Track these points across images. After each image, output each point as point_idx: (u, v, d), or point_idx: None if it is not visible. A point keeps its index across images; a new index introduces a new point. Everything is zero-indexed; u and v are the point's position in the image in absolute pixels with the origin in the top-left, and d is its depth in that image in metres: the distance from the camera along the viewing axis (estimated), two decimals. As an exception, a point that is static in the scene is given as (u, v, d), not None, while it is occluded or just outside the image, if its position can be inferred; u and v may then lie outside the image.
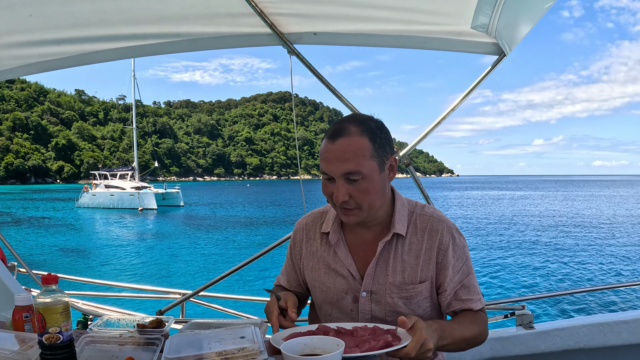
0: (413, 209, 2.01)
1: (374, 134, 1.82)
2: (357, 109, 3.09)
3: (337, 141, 1.78)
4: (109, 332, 1.79)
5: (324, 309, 2.05)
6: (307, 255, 2.09)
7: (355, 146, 1.77)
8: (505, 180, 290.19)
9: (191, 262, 23.18)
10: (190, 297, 3.64)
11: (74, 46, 3.21)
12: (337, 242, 2.00)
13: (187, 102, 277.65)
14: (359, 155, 1.77)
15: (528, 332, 3.19)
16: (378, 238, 1.96)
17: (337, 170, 1.77)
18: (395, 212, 1.96)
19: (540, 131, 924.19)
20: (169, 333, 1.86)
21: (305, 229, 2.14)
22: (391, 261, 1.93)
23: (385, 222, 1.97)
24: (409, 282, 1.91)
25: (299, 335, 1.71)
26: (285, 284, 2.21)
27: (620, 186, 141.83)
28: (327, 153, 1.80)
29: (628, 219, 43.25)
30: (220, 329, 1.73)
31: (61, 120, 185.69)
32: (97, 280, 5.05)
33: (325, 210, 2.12)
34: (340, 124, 1.83)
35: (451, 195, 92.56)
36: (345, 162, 1.76)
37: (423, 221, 1.97)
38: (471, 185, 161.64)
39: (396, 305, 1.92)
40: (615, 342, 3.22)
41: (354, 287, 1.95)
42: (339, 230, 2.02)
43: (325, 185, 1.87)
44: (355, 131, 1.79)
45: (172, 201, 58.96)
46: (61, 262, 23.17)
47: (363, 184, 1.78)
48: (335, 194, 1.80)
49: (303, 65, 3.19)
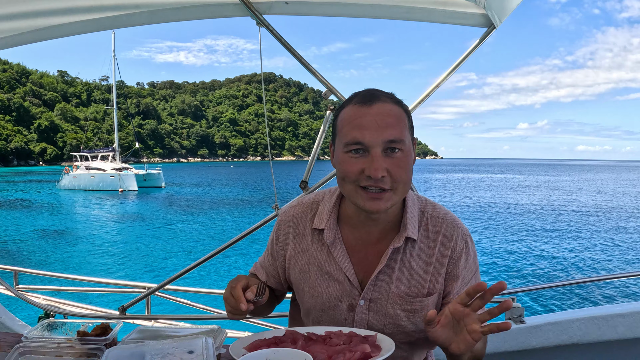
0: (423, 208, 1.78)
1: (406, 108, 1.65)
2: (333, 85, 2.87)
3: (374, 105, 1.56)
4: (45, 342, 1.56)
5: (312, 315, 1.81)
6: (295, 253, 1.82)
7: (396, 112, 1.58)
8: (489, 163, 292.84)
9: (168, 245, 23.07)
10: (155, 292, 3.42)
11: (26, 21, 2.89)
12: (334, 242, 1.74)
13: (170, 83, 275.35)
14: (401, 122, 1.57)
15: (518, 327, 3.07)
16: (383, 239, 1.72)
17: (379, 137, 1.52)
18: (406, 210, 1.71)
19: (525, 115, 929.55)
20: (116, 339, 1.65)
21: (292, 222, 1.85)
22: (397, 267, 1.70)
23: (393, 221, 1.72)
24: (415, 294, 1.69)
25: (264, 343, 1.53)
26: (264, 279, 1.94)
27: (604, 171, 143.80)
28: (363, 118, 1.55)
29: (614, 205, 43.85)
30: (167, 341, 1.48)
31: (44, 101, 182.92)
32: (60, 274, 4.82)
33: (315, 201, 1.85)
34: (371, 91, 1.63)
35: (433, 178, 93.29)
36: (389, 128, 1.53)
37: (435, 224, 1.74)
38: (454, 168, 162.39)
39: (397, 318, 1.70)
40: (611, 336, 3.10)
41: (351, 294, 1.72)
42: (335, 227, 1.75)
43: (347, 162, 1.58)
44: (390, 99, 1.61)
45: (153, 182, 58.54)
46: (37, 246, 22.98)
47: (401, 157, 1.56)
48: (371, 168, 1.52)
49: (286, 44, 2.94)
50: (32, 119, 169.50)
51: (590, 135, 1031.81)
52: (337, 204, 1.80)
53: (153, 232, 27.27)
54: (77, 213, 37.20)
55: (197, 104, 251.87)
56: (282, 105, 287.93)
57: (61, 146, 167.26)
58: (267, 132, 3.88)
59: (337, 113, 1.67)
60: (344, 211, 1.78)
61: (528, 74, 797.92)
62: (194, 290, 4.16)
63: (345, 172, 1.58)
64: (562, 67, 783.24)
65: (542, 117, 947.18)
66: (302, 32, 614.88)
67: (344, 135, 1.58)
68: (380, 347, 1.51)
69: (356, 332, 1.59)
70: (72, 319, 1.78)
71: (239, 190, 60.07)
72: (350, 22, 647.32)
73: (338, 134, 1.64)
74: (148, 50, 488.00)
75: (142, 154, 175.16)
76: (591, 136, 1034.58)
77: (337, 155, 1.63)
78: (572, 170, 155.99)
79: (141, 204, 43.49)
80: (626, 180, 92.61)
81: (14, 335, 1.76)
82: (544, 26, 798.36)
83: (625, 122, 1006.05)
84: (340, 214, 1.79)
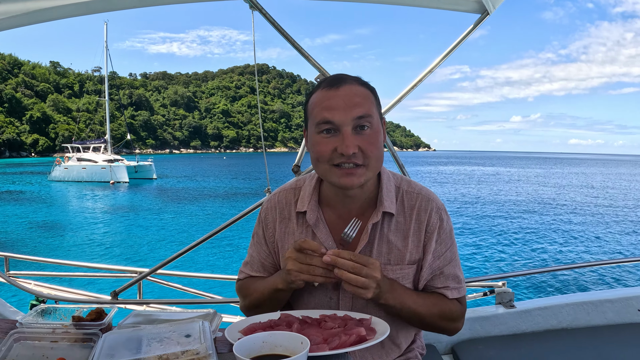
0: (399, 184, 1.86)
1: (373, 89, 1.74)
2: (324, 68, 2.86)
3: (341, 87, 1.66)
4: (40, 327, 1.54)
5: (299, 296, 1.86)
6: (283, 237, 1.88)
7: (363, 92, 1.68)
8: (482, 156, 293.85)
9: (156, 236, 23.04)
10: (147, 276, 3.42)
11: (16, 4, 2.84)
12: (316, 222, 1.80)
13: (163, 74, 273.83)
14: (368, 100, 1.67)
15: (508, 311, 3.12)
16: (362, 215, 1.79)
17: (347, 115, 1.62)
18: (382, 186, 1.80)
19: (518, 108, 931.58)
20: (111, 324, 1.63)
21: (277, 208, 1.91)
22: (376, 242, 1.77)
23: (370, 197, 1.80)
24: (394, 264, 1.77)
25: (259, 327, 1.56)
26: (261, 272, 1.95)
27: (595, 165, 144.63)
28: (332, 100, 1.64)
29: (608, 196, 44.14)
30: (163, 325, 1.47)
31: (36, 92, 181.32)
32: (51, 260, 4.79)
33: (297, 186, 1.92)
34: (337, 75, 1.73)
35: (424, 170, 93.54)
36: (357, 107, 1.63)
37: (411, 199, 1.82)
38: (447, 160, 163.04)
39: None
40: (600, 321, 3.15)
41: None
42: (317, 208, 1.82)
43: (321, 143, 1.66)
44: (356, 81, 1.70)
45: (145, 174, 58.42)
46: (27, 237, 22.91)
47: (371, 133, 1.65)
48: (342, 145, 1.61)
49: (282, 37, 2.97)
50: (24, 110, 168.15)
51: (582, 129, 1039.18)
52: (317, 186, 1.87)
53: (143, 223, 27.25)
54: (68, 205, 37.17)
55: (189, 95, 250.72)
56: (275, 96, 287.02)
57: (53, 137, 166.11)
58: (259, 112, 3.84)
59: (308, 99, 1.75)
60: (323, 192, 1.85)
61: (521, 67, 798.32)
62: (186, 274, 4.16)
63: (319, 152, 1.67)
64: (556, 60, 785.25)
65: (535, 110, 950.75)
66: (295, 23, 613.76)
67: (314, 116, 1.67)
68: (375, 330, 1.53)
69: (351, 316, 1.61)
70: (64, 305, 1.76)
71: (231, 181, 60.04)
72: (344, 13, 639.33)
73: (309, 117, 1.72)
74: (141, 41, 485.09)
75: (135, 145, 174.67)
76: (584, 130, 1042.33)
77: (310, 138, 1.71)
78: (563, 163, 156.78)
79: (132, 196, 43.48)
80: (616, 174, 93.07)
81: (7, 321, 1.75)
82: (538, 20, 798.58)
83: (617, 117, 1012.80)
84: (321, 195, 1.86)
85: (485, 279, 3.32)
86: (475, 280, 3.28)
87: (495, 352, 2.86)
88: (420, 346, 2.03)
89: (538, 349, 2.89)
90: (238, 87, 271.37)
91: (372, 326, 1.55)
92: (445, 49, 2.99)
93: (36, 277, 4.46)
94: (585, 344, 2.91)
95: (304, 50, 2.94)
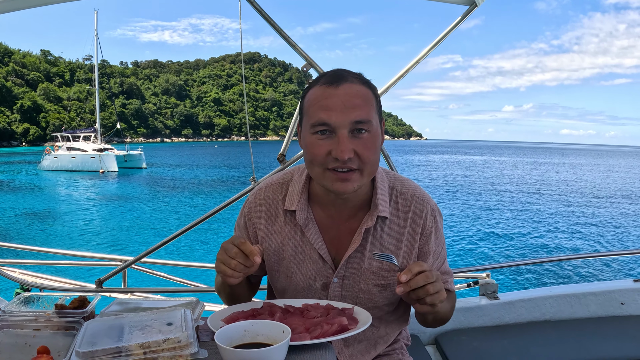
0: (392, 184, 1.79)
1: (374, 88, 1.65)
2: (313, 59, 2.85)
3: (341, 86, 1.55)
4: (23, 315, 1.55)
5: (287, 296, 1.83)
6: (269, 234, 1.81)
7: (363, 93, 1.57)
8: (472, 145, 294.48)
9: (143, 225, 22.97)
10: (131, 264, 3.41)
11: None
12: (306, 222, 1.74)
13: (154, 62, 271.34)
14: (368, 103, 1.57)
15: (492, 303, 3.13)
16: (354, 217, 1.74)
17: (345, 118, 1.52)
18: (376, 188, 1.73)
19: (510, 98, 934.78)
20: (94, 312, 1.63)
21: (264, 205, 1.83)
22: (369, 245, 1.73)
23: (363, 199, 1.74)
24: (387, 269, 1.73)
25: (242, 315, 1.57)
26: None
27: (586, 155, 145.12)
28: (330, 99, 1.54)
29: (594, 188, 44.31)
30: (146, 313, 1.48)
31: (26, 81, 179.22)
32: (36, 248, 4.76)
33: (285, 181, 1.84)
34: (338, 71, 1.61)
35: (414, 159, 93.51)
36: (356, 109, 1.53)
37: (405, 201, 1.77)
38: (437, 149, 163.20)
39: (370, 293, 1.75)
40: (583, 314, 3.17)
41: (325, 272, 1.75)
42: (306, 207, 1.75)
43: (315, 145, 1.57)
44: (357, 79, 1.59)
45: (134, 163, 58.12)
46: (14, 226, 22.81)
47: (369, 138, 1.56)
48: (337, 150, 1.52)
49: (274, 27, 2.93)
50: (15, 99, 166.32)
51: (574, 120, 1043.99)
52: (307, 183, 1.79)
53: (130, 212, 27.16)
54: (56, 194, 37.05)
55: (181, 83, 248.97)
56: (266, 85, 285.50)
57: (44, 126, 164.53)
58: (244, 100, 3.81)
59: (305, 94, 1.66)
60: (313, 190, 1.78)
61: (514, 57, 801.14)
62: (171, 263, 4.14)
63: (313, 155, 1.58)
64: (548, 51, 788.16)
65: (527, 100, 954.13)
66: (287, 11, 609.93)
67: (310, 116, 1.58)
68: (357, 319, 1.54)
69: (333, 305, 1.62)
70: (48, 292, 1.77)
71: (221, 170, 59.88)
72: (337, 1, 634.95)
73: (305, 115, 1.64)
74: (132, 30, 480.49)
75: (126, 134, 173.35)
76: (575, 120, 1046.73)
77: (305, 137, 1.62)
78: (554, 153, 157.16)
79: (120, 185, 43.41)
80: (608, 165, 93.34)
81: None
82: (531, 10, 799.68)
83: (609, 108, 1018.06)
84: (311, 193, 1.79)
85: (469, 270, 3.34)
86: (460, 271, 3.30)
87: (478, 343, 2.87)
88: (406, 337, 2.05)
89: (521, 341, 2.91)
90: (230, 76, 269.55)
91: (355, 316, 1.56)
92: (435, 40, 2.99)
93: (21, 265, 4.43)
94: (568, 336, 2.94)
95: (291, 39, 2.93)
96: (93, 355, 1.23)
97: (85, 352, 1.23)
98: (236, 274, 1.55)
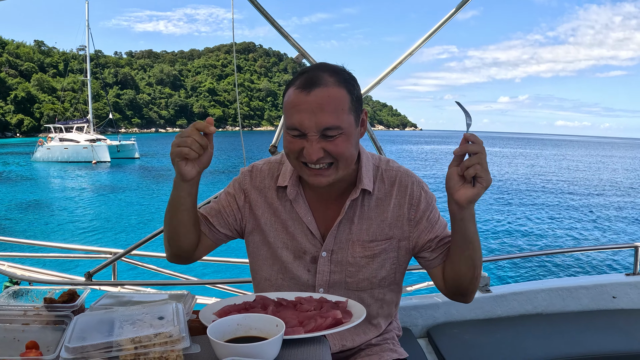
0: (378, 164, 1.86)
1: (351, 86, 1.66)
2: (306, 50, 2.83)
3: (312, 91, 1.59)
4: (11, 309, 1.52)
5: (275, 270, 1.86)
6: (261, 205, 1.87)
7: (334, 98, 1.60)
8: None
9: (134, 216, 22.92)
10: (121, 257, 3.39)
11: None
12: (296, 198, 1.81)
13: (149, 52, 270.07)
14: (338, 108, 1.60)
15: (484, 296, 3.14)
16: (342, 194, 1.80)
17: (315, 125, 1.58)
18: (361, 166, 1.79)
19: (505, 89, 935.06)
20: (84, 306, 1.60)
21: (259, 175, 1.89)
22: (356, 219, 1.79)
23: (349, 179, 1.79)
24: (373, 239, 1.79)
25: (234, 309, 1.55)
26: (212, 215, 1.89)
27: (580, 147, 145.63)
28: (301, 105, 1.59)
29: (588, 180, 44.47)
30: (136, 307, 1.44)
31: (20, 72, 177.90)
32: (25, 241, 4.73)
33: (281, 161, 1.90)
34: (313, 73, 1.64)
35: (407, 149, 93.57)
36: (324, 116, 1.58)
37: (390, 176, 1.83)
38: (432, 140, 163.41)
39: (357, 265, 1.79)
40: (575, 307, 3.19)
41: (314, 246, 1.81)
42: (297, 184, 1.82)
43: (289, 142, 1.66)
44: (331, 81, 1.61)
45: (127, 153, 58.04)
46: (5, 218, 22.68)
47: (340, 139, 1.61)
48: (307, 151, 1.60)
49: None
50: (9, 90, 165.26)
51: (569, 111, 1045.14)
52: None
53: (122, 203, 27.07)
54: (48, 185, 36.89)
55: (175, 73, 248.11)
56: (261, 75, 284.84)
57: (38, 117, 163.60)
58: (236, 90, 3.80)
59: (285, 90, 1.71)
60: None
61: (509, 48, 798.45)
62: (162, 255, 4.12)
63: (288, 150, 1.67)
64: (544, 42, 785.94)
65: (522, 91, 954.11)
66: (283, 1, 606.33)
67: (286, 117, 1.66)
68: (351, 313, 1.53)
69: (327, 298, 1.61)
70: (37, 286, 1.74)
71: (214, 160, 59.20)
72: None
73: (283, 113, 1.71)
74: (127, 20, 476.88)
75: (120, 125, 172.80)
76: (570, 112, 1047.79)
77: (283, 133, 1.71)
78: (549, 145, 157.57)
79: (112, 175, 43.21)
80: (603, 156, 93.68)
81: (-22, 304, 1.72)
82: (527, 1, 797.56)
83: (604, 99, 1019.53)
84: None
85: None
86: None
87: (470, 336, 2.88)
88: (397, 328, 2.06)
89: (513, 334, 2.93)
90: (224, 66, 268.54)
91: (349, 309, 1.56)
92: (433, 38, 2.98)
93: (9, 257, 4.39)
94: (559, 329, 2.95)
95: (283, 30, 2.92)
96: (83, 350, 1.20)
97: (75, 347, 1.20)
98: (192, 153, 1.60)
